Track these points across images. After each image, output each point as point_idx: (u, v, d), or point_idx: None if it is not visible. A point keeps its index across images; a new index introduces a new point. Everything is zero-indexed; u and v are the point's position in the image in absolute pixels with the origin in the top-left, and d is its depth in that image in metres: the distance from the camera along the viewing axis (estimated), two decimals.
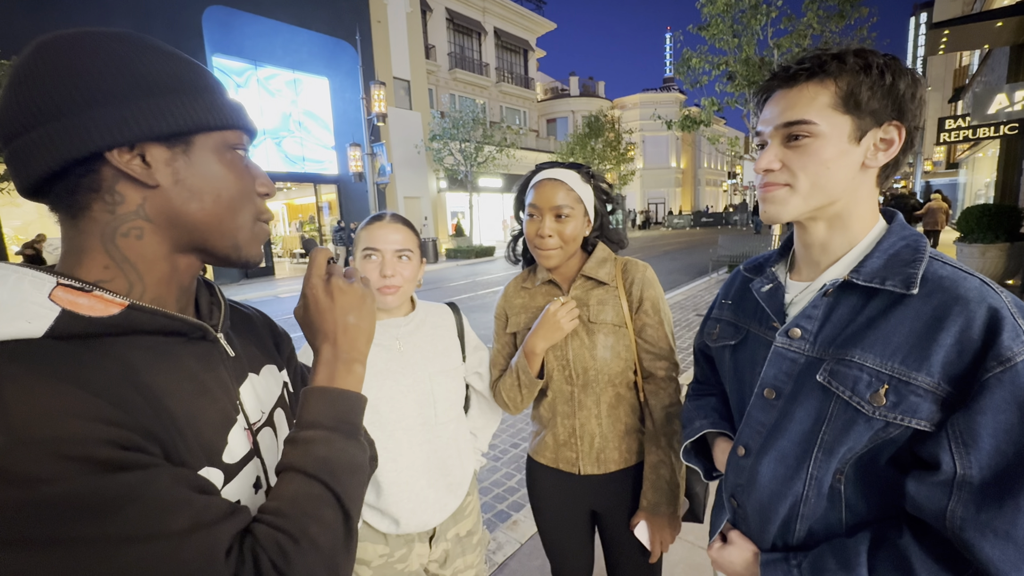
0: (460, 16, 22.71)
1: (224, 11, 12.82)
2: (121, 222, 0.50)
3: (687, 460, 0.97)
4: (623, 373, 1.19)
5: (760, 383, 0.78)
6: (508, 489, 2.71)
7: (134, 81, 0.47)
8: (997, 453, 0.56)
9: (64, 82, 0.45)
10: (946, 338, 0.60)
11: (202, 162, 0.52)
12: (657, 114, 12.29)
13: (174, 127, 0.49)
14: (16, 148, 0.46)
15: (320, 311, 0.59)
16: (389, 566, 1.13)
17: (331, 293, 0.59)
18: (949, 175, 23.47)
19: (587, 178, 1.22)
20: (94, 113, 0.45)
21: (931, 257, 0.67)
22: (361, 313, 0.60)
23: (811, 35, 9.45)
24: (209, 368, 0.55)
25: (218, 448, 0.53)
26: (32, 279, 0.44)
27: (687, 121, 10.91)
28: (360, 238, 1.11)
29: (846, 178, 0.70)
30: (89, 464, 0.38)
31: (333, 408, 0.54)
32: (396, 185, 16.98)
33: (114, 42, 0.48)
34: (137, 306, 0.49)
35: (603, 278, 1.20)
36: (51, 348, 0.43)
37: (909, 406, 0.61)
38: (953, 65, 22.80)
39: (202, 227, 0.53)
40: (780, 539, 0.75)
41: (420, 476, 1.13)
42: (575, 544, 1.33)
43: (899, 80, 0.67)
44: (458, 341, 1.24)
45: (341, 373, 0.57)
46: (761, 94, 0.77)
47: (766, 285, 0.83)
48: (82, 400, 0.41)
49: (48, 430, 0.38)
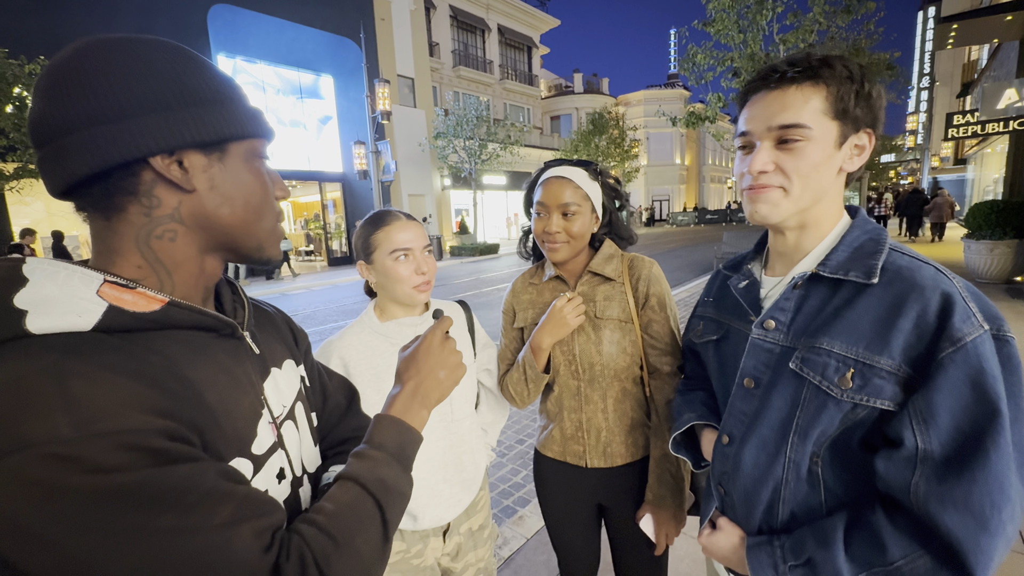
0: (464, 13, 22.68)
1: (229, 9, 12.86)
2: (156, 225, 0.52)
3: (676, 451, 1.00)
4: (629, 368, 1.20)
5: (740, 374, 0.81)
6: (514, 485, 2.73)
7: (176, 90, 0.49)
8: (954, 428, 0.60)
9: (109, 87, 0.47)
10: (905, 323, 0.64)
11: (234, 169, 0.55)
12: (662, 111, 12.24)
13: (212, 136, 0.52)
14: (55, 149, 0.47)
15: (427, 354, 0.69)
16: (405, 561, 1.15)
17: (444, 347, 0.70)
18: (957, 171, 23.25)
19: (595, 175, 1.23)
20: (140, 120, 0.47)
21: (891, 248, 0.71)
22: (451, 374, 0.70)
23: (817, 30, 9.37)
24: (238, 363, 0.58)
25: (249, 439, 0.55)
26: (81, 276, 0.46)
27: (692, 118, 10.86)
28: (378, 240, 1.11)
29: (828, 182, 0.74)
30: (150, 455, 0.41)
31: (400, 438, 0.61)
32: (400, 183, 17.01)
33: (154, 50, 0.50)
34: (176, 302, 0.51)
35: (610, 274, 1.21)
36: (101, 341, 0.45)
37: (874, 388, 0.65)
38: (962, 60, 22.57)
39: (231, 230, 0.56)
40: (765, 523, 0.78)
41: (437, 472, 1.15)
42: (581, 537, 1.35)
43: (873, 90, 0.71)
44: (469, 338, 1.26)
45: (415, 410, 0.64)
46: (745, 94, 0.78)
47: (743, 281, 0.87)
48: (138, 392, 0.43)
49: (114, 423, 0.40)
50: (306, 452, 0.68)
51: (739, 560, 0.79)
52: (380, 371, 1.11)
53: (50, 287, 0.44)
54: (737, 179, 0.79)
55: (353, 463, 0.56)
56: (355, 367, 1.11)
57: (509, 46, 25.82)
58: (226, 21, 13.09)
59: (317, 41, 15.20)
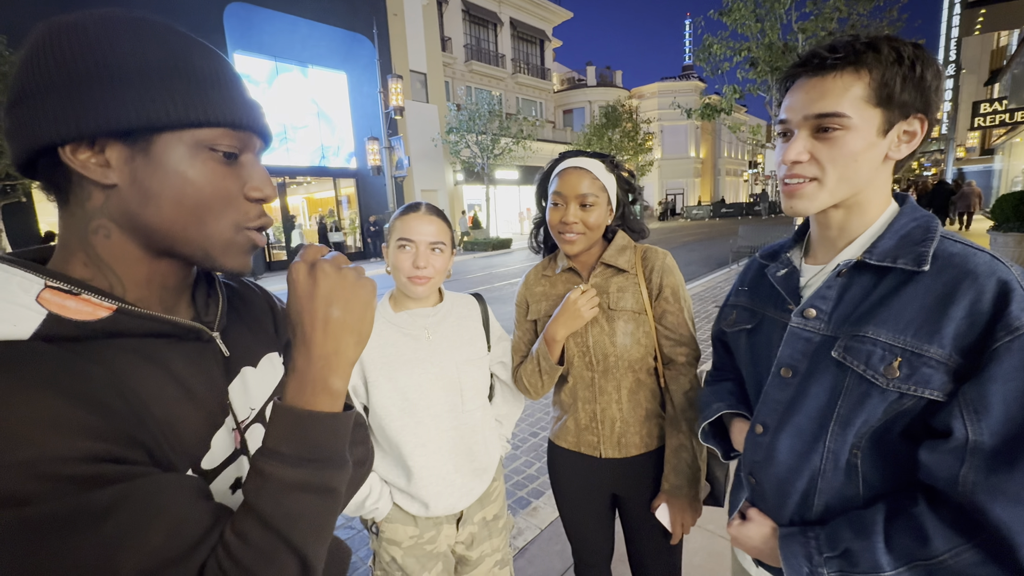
0: (476, 7, 22.59)
1: (245, 7, 13.00)
2: (90, 219, 0.47)
3: (705, 441, 0.99)
4: (643, 359, 1.20)
5: (776, 363, 0.80)
6: (528, 477, 2.75)
7: (94, 68, 0.42)
8: (1007, 419, 0.57)
9: (33, 67, 0.43)
10: (957, 311, 0.62)
11: (164, 162, 0.46)
12: (676, 103, 12.08)
13: (133, 122, 0.44)
14: (4, 129, 0.45)
15: (298, 299, 0.48)
16: (419, 547, 1.18)
17: (314, 276, 0.48)
18: (983, 162, 22.53)
19: (611, 167, 1.23)
20: (50, 102, 0.42)
21: (942, 236, 0.69)
22: (349, 306, 0.48)
23: (837, 18, 9.13)
24: (199, 370, 0.53)
25: (198, 454, 0.51)
26: (21, 280, 0.43)
27: (707, 109, 10.70)
28: (395, 227, 1.14)
29: (871, 170, 0.71)
30: (70, 483, 0.37)
31: (300, 435, 0.45)
32: (413, 178, 17.08)
33: (95, 24, 0.44)
34: (125, 310, 0.46)
35: (623, 265, 1.21)
36: (36, 351, 0.41)
37: (922, 377, 0.63)
38: (990, 46, 21.81)
39: (162, 233, 0.48)
40: (798, 515, 0.77)
41: (447, 461, 1.17)
42: (596, 527, 1.36)
43: (927, 71, 0.67)
44: (483, 331, 1.27)
45: (314, 387, 0.46)
46: (786, 80, 0.76)
47: (781, 270, 0.85)
48: (61, 411, 0.39)
49: (29, 450, 0.36)
50: None
51: (770, 551, 0.78)
52: (392, 360, 1.13)
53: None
54: (776, 167, 0.79)
55: (250, 478, 0.45)
56: (367, 356, 1.13)
57: (521, 40, 25.66)
58: (241, 19, 13.23)
59: (331, 38, 15.29)
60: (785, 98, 0.76)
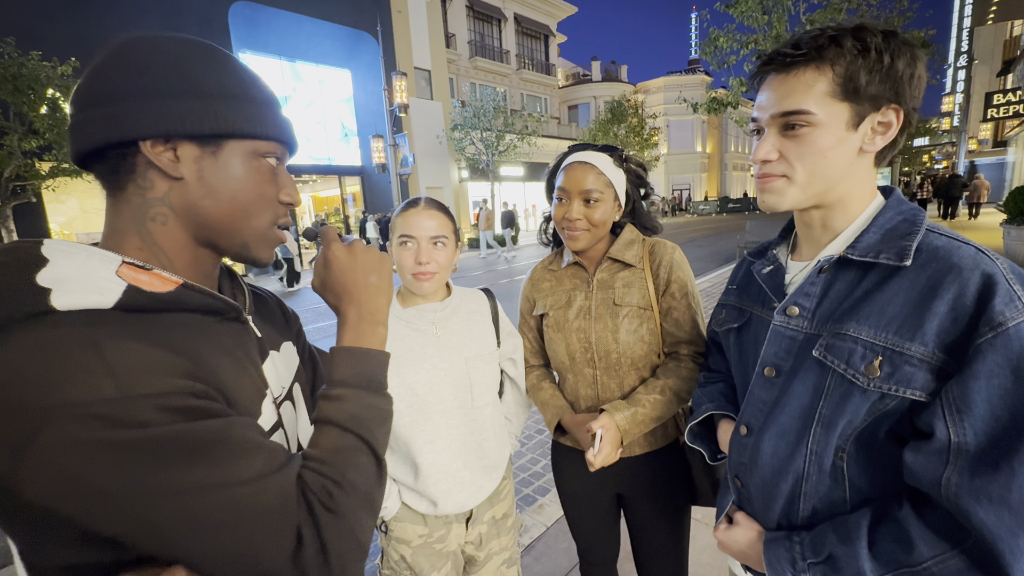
0: (480, 3, 22.49)
1: (250, 6, 13.03)
2: (150, 206, 0.54)
3: (692, 442, 0.98)
4: (646, 357, 1.18)
5: (760, 362, 0.78)
6: (534, 474, 2.74)
7: (181, 82, 0.52)
8: (991, 418, 0.55)
9: (121, 73, 0.51)
10: (940, 306, 0.60)
11: (228, 165, 0.56)
12: (682, 97, 11.94)
13: (208, 129, 0.53)
14: (75, 122, 0.53)
15: (343, 271, 0.63)
16: (428, 546, 1.17)
17: (353, 253, 0.64)
18: (996, 154, 22.17)
19: (620, 162, 1.20)
20: (136, 105, 0.51)
21: (928, 229, 0.67)
22: (381, 273, 0.65)
23: (846, 9, 8.99)
24: (240, 346, 0.60)
25: (255, 416, 0.57)
26: (100, 257, 0.49)
27: (714, 103, 10.56)
28: (396, 225, 1.13)
29: (844, 165, 0.70)
30: (184, 413, 0.44)
31: (360, 367, 0.59)
32: (418, 175, 17.09)
33: (176, 45, 0.53)
34: (189, 284, 0.53)
35: (630, 260, 1.19)
36: (122, 318, 0.47)
37: (903, 376, 0.61)
38: (1003, 36, 21.42)
39: (214, 223, 0.57)
40: (784, 519, 0.75)
41: (456, 458, 1.16)
42: (601, 526, 1.34)
43: (898, 60, 0.65)
44: (492, 326, 1.26)
45: (366, 333, 0.61)
46: (755, 78, 0.75)
47: (767, 267, 0.84)
48: (166, 359, 0.46)
49: (150, 386, 0.43)
50: (303, 431, 0.70)
51: (756, 556, 0.76)
52: (400, 356, 1.12)
53: (69, 267, 0.46)
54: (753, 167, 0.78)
55: (322, 405, 0.56)
56: None
57: (526, 35, 25.54)
58: (246, 18, 13.27)
59: (335, 36, 15.30)
60: (757, 96, 0.75)
